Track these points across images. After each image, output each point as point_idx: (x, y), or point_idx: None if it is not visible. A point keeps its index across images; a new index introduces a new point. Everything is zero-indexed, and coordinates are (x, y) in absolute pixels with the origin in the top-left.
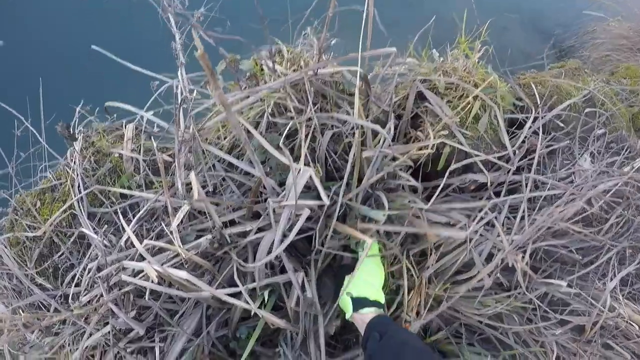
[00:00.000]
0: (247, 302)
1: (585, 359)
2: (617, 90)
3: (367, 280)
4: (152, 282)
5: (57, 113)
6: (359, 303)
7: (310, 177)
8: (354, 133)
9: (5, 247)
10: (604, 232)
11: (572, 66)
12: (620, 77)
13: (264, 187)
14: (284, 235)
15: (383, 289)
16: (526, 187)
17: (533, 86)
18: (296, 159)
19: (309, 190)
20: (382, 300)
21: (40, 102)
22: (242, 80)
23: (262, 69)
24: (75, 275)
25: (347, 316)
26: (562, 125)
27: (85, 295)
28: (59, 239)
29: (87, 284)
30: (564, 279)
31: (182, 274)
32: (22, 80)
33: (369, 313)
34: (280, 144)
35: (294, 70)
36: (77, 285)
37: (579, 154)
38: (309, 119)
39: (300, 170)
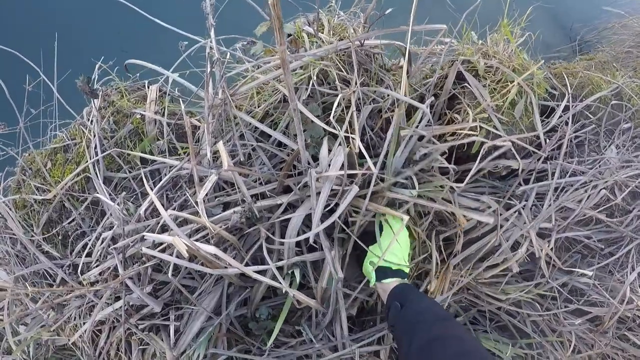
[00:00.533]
0: (277, 280)
1: (602, 349)
2: None
3: (390, 249)
4: (179, 257)
5: (73, 70)
6: (382, 273)
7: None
8: (393, 109)
9: (10, 209)
10: (626, 224)
11: (602, 59)
12: None
13: (298, 161)
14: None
15: (410, 259)
16: (553, 175)
17: (565, 76)
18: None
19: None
20: (406, 269)
21: (55, 55)
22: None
23: (303, 35)
24: (86, 244)
25: (371, 284)
26: (590, 116)
27: (96, 266)
28: (70, 204)
29: (100, 255)
30: (586, 269)
31: (211, 249)
32: (37, 32)
33: (391, 283)
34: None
35: (340, 39)
36: (87, 255)
37: (605, 146)
38: (353, 91)
39: (341, 142)
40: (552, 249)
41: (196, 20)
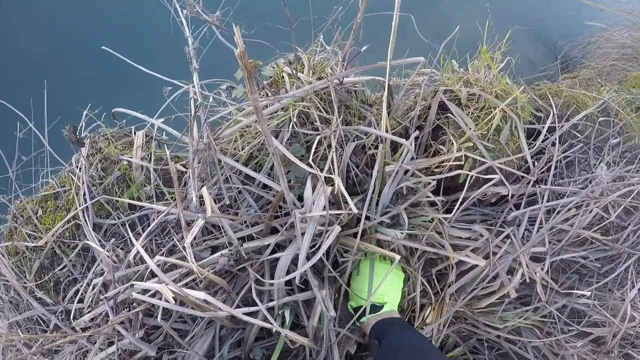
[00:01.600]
0: (268, 322)
1: None
2: (630, 99)
3: (363, 289)
4: (169, 301)
5: (62, 117)
6: (360, 312)
7: (333, 190)
8: (377, 145)
9: (3, 256)
10: (622, 240)
11: (586, 76)
12: (630, 86)
13: (284, 201)
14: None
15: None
16: (542, 198)
17: (550, 97)
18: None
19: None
20: (385, 299)
21: (44, 103)
22: (263, 87)
23: (283, 77)
24: (78, 290)
25: (358, 323)
26: (578, 135)
27: (89, 312)
28: (61, 251)
29: (92, 301)
30: (585, 290)
31: (200, 295)
32: (26, 80)
33: (369, 320)
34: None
35: (318, 78)
36: (80, 301)
37: (594, 164)
38: (334, 131)
39: (325, 181)
40: (547, 272)
41: (180, 64)
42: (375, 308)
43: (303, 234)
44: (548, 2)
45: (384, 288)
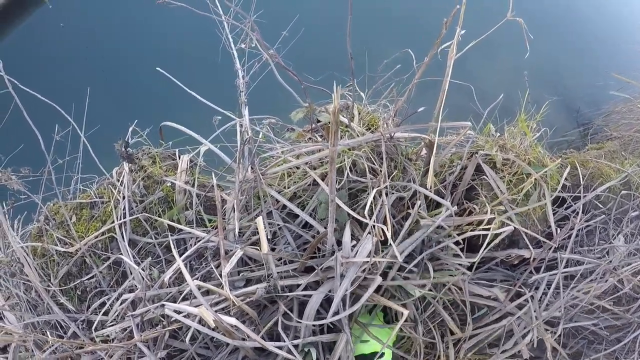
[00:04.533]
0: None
1: None
2: None
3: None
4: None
5: (101, 127)
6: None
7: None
8: (414, 199)
9: (28, 255)
10: (633, 310)
11: (611, 148)
12: None
13: (322, 243)
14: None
15: None
16: (561, 263)
17: (578, 167)
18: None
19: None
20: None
21: (85, 110)
22: (318, 131)
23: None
24: (104, 303)
25: None
26: (600, 205)
27: (112, 325)
28: (92, 260)
29: (117, 315)
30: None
31: (232, 320)
32: (70, 87)
33: None
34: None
35: (369, 129)
36: (104, 313)
37: (613, 234)
38: (384, 184)
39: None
40: (560, 336)
41: (229, 97)
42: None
43: (342, 276)
44: (574, 71)
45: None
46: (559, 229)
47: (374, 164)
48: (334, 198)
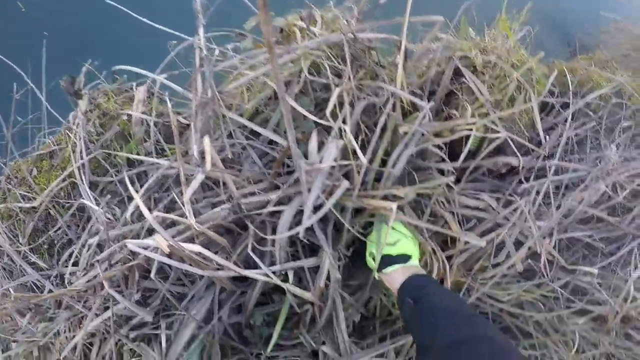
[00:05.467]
0: (269, 277)
1: (606, 348)
2: None
3: (383, 240)
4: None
5: (61, 75)
6: (382, 262)
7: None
8: (388, 106)
9: None
10: (629, 221)
11: (602, 58)
12: None
13: (289, 158)
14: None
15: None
16: (550, 170)
17: (566, 72)
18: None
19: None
20: (409, 251)
21: (43, 60)
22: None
23: (294, 30)
24: (72, 252)
25: (375, 276)
26: (591, 114)
27: (84, 275)
28: (56, 211)
29: (87, 263)
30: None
31: (195, 247)
32: (24, 36)
33: (393, 272)
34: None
35: (332, 32)
36: (74, 264)
37: (605, 144)
38: (349, 84)
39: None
40: (554, 248)
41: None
42: (403, 258)
43: (309, 189)
44: None
45: (405, 242)
46: (547, 137)
47: (339, 64)
48: (282, 97)
